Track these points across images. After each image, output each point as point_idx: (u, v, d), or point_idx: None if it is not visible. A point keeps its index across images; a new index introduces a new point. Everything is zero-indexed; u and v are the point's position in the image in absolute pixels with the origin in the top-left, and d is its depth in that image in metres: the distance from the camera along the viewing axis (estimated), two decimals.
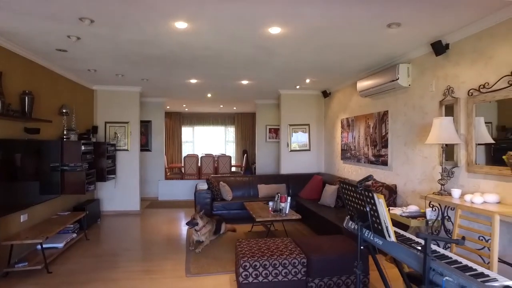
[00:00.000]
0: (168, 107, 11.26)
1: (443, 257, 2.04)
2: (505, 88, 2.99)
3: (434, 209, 3.53)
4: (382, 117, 5.15)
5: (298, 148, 7.86)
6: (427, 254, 1.78)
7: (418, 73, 4.27)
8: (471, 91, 3.39)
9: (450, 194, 3.41)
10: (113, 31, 3.53)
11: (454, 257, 2.03)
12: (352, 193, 2.40)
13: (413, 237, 2.37)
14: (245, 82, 6.53)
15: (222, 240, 5.15)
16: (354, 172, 6.21)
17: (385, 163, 5.07)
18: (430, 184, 4.01)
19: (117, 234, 5.54)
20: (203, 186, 6.57)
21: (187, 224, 4.81)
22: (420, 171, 4.22)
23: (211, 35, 3.67)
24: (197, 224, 4.77)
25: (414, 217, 3.51)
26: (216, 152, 13.31)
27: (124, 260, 4.27)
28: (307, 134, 7.89)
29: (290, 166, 7.80)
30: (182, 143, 13.25)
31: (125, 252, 4.61)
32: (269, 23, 3.30)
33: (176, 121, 12.92)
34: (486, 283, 1.62)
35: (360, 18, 3.18)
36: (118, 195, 7.12)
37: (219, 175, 8.36)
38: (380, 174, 5.22)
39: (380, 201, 2.06)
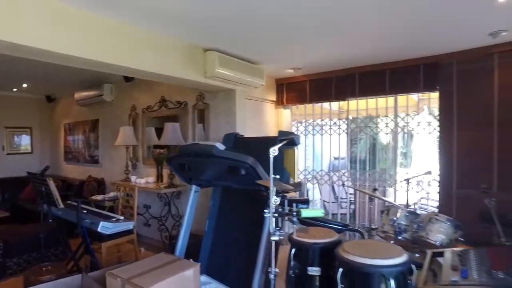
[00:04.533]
0: None
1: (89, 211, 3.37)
2: (158, 109, 4.81)
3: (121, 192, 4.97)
4: (95, 124, 6.26)
5: (19, 151, 7.65)
6: (78, 211, 3.00)
7: (119, 92, 5.67)
8: (144, 109, 5.07)
9: (130, 180, 4.94)
10: None
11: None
12: (38, 182, 3.32)
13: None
14: None
15: None
16: (75, 171, 6.96)
17: (97, 162, 6.20)
18: (125, 175, 5.48)
19: None
20: None
21: None
22: (119, 166, 5.62)
23: None
24: None
25: (111, 200, 4.81)
26: None
27: None
28: (29, 137, 7.83)
29: (7, 169, 7.47)
30: None
31: None
32: None
33: None
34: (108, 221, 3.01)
35: None
36: None
37: None
38: (94, 171, 6.29)
39: (51, 182, 3.12)
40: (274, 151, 1.86)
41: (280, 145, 1.85)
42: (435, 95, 3.96)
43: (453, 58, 3.69)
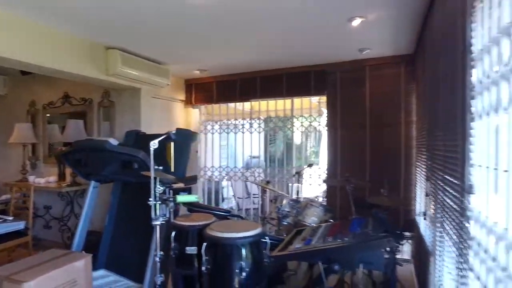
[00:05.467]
0: None
1: None
2: (61, 106, 4.63)
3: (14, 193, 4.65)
4: None
5: None
6: None
7: (14, 85, 5.26)
8: (45, 105, 4.82)
9: (28, 180, 4.66)
10: None
11: None
12: None
13: None
14: None
15: None
16: None
17: None
18: (22, 175, 5.11)
19: None
20: None
21: None
22: (16, 166, 5.22)
23: None
24: None
25: (3, 203, 4.46)
26: None
27: None
28: None
29: None
30: None
31: None
32: None
33: None
34: None
35: None
36: None
37: None
38: None
39: None
40: (154, 144, 2.06)
41: (159, 139, 2.06)
42: None
43: (337, 68, 4.30)
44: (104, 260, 3.31)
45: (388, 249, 1.77)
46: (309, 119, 5.62)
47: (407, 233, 3.49)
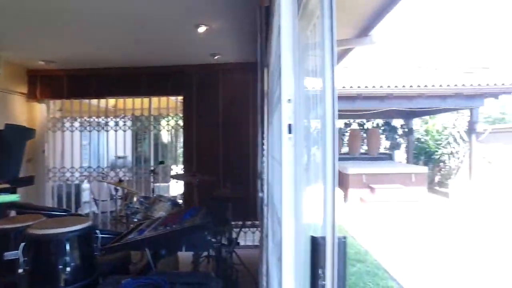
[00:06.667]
0: None
1: None
2: None
3: None
4: None
5: None
6: None
7: None
8: None
9: None
10: None
11: None
12: None
13: None
14: None
15: None
16: None
17: None
18: None
19: None
20: None
21: None
22: None
23: None
24: None
25: None
26: None
27: None
28: None
29: None
30: None
31: None
32: None
33: None
34: None
35: None
36: None
37: None
38: None
39: None
40: None
41: None
42: None
43: (194, 70, 4.54)
44: None
45: (208, 232, 2.03)
46: (176, 118, 5.75)
47: (249, 222, 3.97)
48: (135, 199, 3.40)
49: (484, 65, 18.52)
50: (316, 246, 1.05)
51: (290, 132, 1.00)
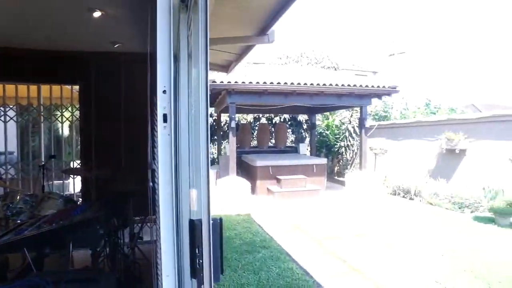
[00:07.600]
0: None
1: None
2: None
3: None
4: None
5: None
6: None
7: None
8: None
9: None
10: None
11: None
12: None
13: None
14: None
15: None
16: None
17: None
18: None
19: None
20: None
21: None
22: None
23: None
24: None
25: None
26: None
27: None
28: None
29: None
30: None
31: None
32: None
33: None
34: None
35: None
36: None
37: None
38: None
39: None
40: None
41: None
42: None
43: (92, 57, 4.19)
44: None
45: (100, 227, 1.95)
46: (72, 109, 5.24)
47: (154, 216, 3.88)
48: (18, 198, 3.02)
49: (374, 69, 21.08)
50: (194, 227, 1.12)
51: (165, 121, 1.04)
